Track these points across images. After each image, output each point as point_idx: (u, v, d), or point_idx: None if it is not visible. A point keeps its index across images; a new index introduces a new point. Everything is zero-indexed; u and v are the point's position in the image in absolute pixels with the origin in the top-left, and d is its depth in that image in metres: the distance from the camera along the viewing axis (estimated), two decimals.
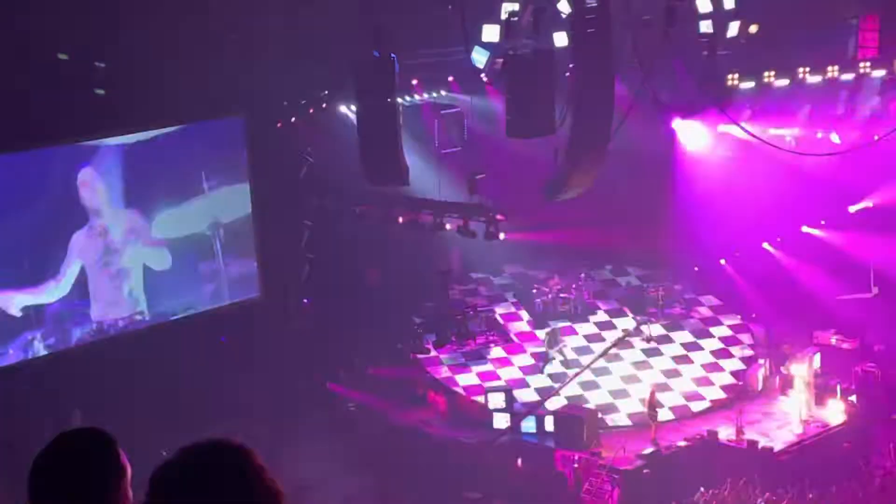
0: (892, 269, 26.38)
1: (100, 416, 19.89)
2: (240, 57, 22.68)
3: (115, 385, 22.43)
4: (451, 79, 26.42)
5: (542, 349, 27.20)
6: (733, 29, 23.43)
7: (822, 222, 28.04)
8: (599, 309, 29.25)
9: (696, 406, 25.66)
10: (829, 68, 25.47)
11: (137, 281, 23.92)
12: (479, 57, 22.25)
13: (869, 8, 23.83)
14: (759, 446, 22.89)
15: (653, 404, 24.21)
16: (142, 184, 23.68)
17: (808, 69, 25.65)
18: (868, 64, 24.87)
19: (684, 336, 28.24)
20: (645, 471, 22.57)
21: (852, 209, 27.91)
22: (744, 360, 27.22)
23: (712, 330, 28.52)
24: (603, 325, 28.64)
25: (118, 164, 23.31)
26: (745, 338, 28.07)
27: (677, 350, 27.68)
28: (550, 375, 26.63)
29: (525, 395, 25.90)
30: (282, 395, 24.74)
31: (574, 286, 29.33)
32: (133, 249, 23.81)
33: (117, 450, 3.25)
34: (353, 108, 25.06)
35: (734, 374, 26.71)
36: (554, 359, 26.91)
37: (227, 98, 23.70)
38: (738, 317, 28.76)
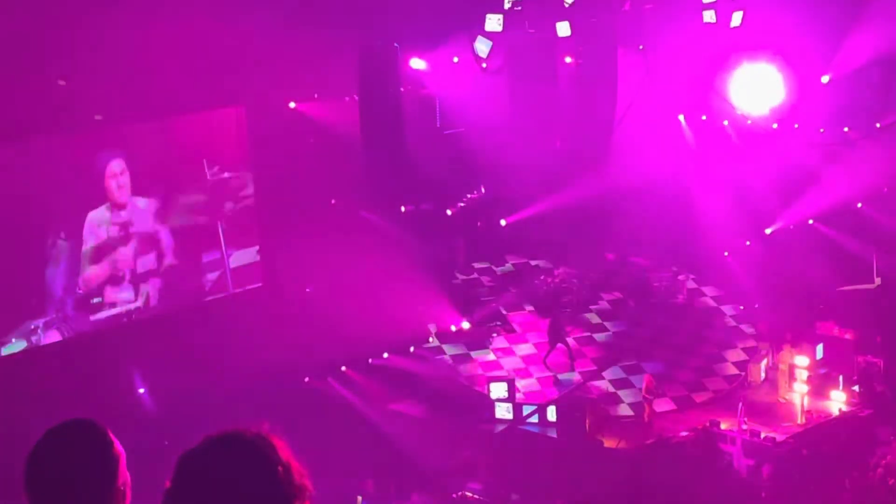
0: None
1: (102, 406, 19.92)
2: (243, 45, 22.63)
3: (118, 374, 22.47)
4: (455, 59, 26.35)
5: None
6: (736, 19, 23.42)
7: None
8: (602, 299, 29.25)
9: (699, 396, 25.67)
10: None
11: (141, 270, 23.91)
12: (482, 46, 22.23)
13: None
14: (762, 436, 22.90)
15: (649, 390, 24.27)
16: (146, 173, 23.67)
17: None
18: None
19: (687, 326, 28.24)
20: (647, 460, 22.60)
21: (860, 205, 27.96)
22: (746, 350, 27.23)
23: (715, 320, 28.52)
24: (605, 315, 28.64)
25: (123, 154, 23.31)
26: (748, 328, 28.07)
27: (680, 340, 27.68)
28: (552, 365, 26.66)
29: (527, 385, 25.91)
30: (283, 384, 24.74)
31: (576, 276, 29.33)
32: (136, 239, 23.78)
33: (109, 437, 3.24)
34: (357, 96, 25.04)
35: (736, 364, 26.71)
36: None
37: (229, 86, 23.66)
38: (741, 307, 28.76)
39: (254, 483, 2.66)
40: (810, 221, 28.50)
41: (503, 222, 24.95)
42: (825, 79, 24.19)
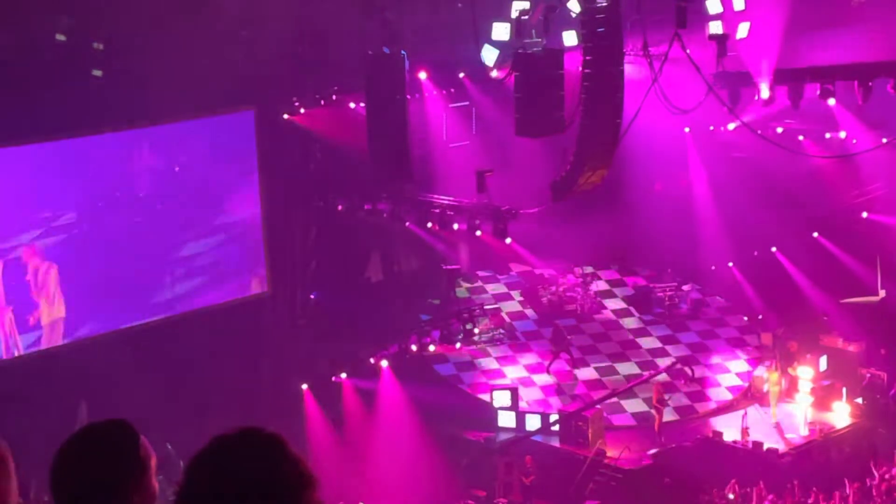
0: None
1: (106, 409, 19.93)
2: (251, 51, 22.69)
3: (122, 378, 22.49)
4: (461, 75, 26.47)
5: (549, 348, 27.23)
6: (743, 30, 23.40)
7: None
8: (606, 308, 29.26)
9: (702, 407, 25.65)
10: None
11: (145, 272, 23.92)
12: (489, 55, 22.24)
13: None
14: (765, 448, 22.88)
15: (660, 399, 24.24)
16: (154, 175, 23.71)
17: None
18: None
19: (690, 337, 28.24)
20: (650, 471, 22.59)
21: (865, 215, 27.93)
22: (750, 361, 27.21)
23: (719, 331, 28.50)
24: (609, 325, 28.64)
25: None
26: (752, 340, 28.05)
27: (683, 351, 27.66)
28: (556, 374, 26.67)
29: (531, 394, 25.92)
30: (288, 388, 24.79)
31: (581, 285, 29.34)
32: (140, 241, 23.78)
33: (139, 442, 3.23)
34: (363, 103, 25.06)
35: (740, 375, 26.69)
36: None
37: (237, 92, 23.71)
38: (745, 318, 28.74)
39: (266, 478, 2.73)
40: (815, 234, 28.48)
41: (508, 240, 24.97)
42: (831, 102, 24.19)
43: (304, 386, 25.07)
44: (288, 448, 2.79)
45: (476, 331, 27.65)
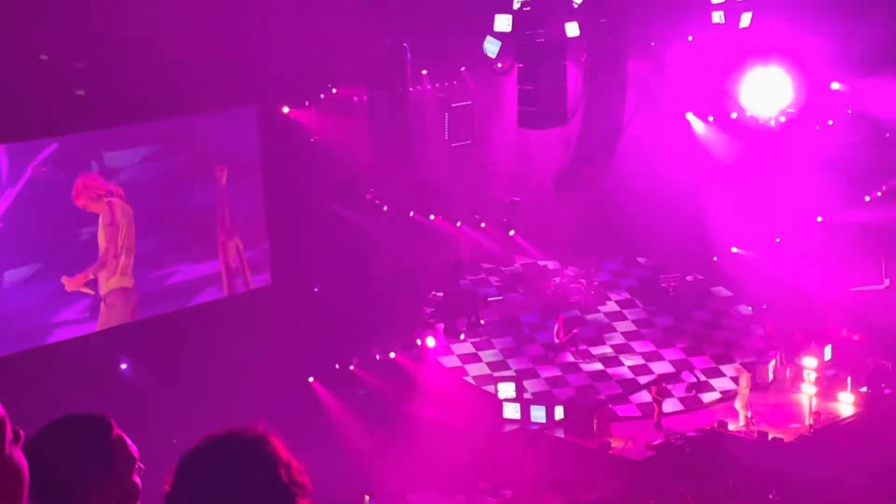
0: None
1: (109, 405, 19.95)
2: (253, 46, 22.66)
3: (126, 372, 22.51)
4: (463, 69, 26.45)
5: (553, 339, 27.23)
6: (745, 20, 23.41)
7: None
8: (610, 299, 29.25)
9: (707, 397, 25.65)
10: None
11: (151, 269, 23.92)
12: (492, 47, 22.24)
13: None
14: (769, 438, 22.88)
15: (660, 391, 24.25)
16: (158, 174, 23.70)
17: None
18: None
19: (695, 327, 28.22)
20: (654, 461, 22.60)
21: (867, 198, 27.88)
22: (754, 351, 27.20)
23: (723, 321, 28.50)
24: (613, 316, 28.63)
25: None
26: (757, 329, 28.04)
27: (688, 341, 27.66)
28: (560, 365, 26.68)
29: (535, 386, 25.92)
30: (292, 383, 24.80)
31: (584, 276, 29.33)
32: (145, 238, 23.79)
33: (108, 437, 3.11)
34: (365, 96, 25.07)
35: (745, 365, 26.67)
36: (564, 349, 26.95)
37: (239, 87, 23.69)
38: (750, 308, 28.73)
39: (254, 482, 2.68)
40: (819, 219, 28.44)
41: (511, 232, 25.00)
42: (835, 85, 24.22)
43: (311, 379, 25.14)
44: (279, 449, 2.73)
45: (480, 323, 27.68)
